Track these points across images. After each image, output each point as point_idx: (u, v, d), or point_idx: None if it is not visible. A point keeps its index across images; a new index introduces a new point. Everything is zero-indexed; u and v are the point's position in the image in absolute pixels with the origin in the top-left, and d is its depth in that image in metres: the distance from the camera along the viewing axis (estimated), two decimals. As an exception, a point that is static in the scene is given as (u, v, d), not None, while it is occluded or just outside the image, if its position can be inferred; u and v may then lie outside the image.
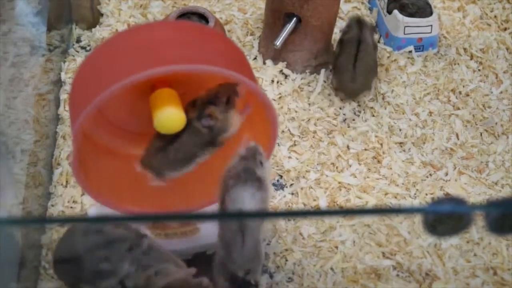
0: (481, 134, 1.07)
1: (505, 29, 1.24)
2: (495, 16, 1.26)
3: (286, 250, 0.91)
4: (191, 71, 0.73)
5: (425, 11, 1.18)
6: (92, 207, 0.92)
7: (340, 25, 1.19)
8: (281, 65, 1.13)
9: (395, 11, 1.17)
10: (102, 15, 1.20)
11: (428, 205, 0.59)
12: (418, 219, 0.93)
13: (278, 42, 1.08)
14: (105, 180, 0.83)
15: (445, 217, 0.59)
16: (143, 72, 0.70)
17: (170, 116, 0.77)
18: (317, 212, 0.86)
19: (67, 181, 0.97)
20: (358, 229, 0.93)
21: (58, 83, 1.09)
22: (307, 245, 0.92)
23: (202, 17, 1.09)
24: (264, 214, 0.80)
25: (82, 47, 1.16)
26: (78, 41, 1.17)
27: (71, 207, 0.94)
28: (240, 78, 0.75)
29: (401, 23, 1.16)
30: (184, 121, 0.78)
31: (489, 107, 1.11)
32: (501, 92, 1.14)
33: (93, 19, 1.19)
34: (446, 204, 0.58)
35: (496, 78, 1.16)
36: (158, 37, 0.76)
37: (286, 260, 0.90)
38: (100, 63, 0.76)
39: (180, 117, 0.77)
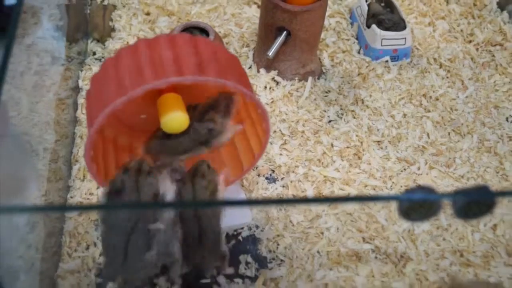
0: (449, 134, 1.08)
1: (470, 41, 1.25)
2: (461, 30, 1.27)
3: (278, 235, 0.91)
4: (195, 81, 0.73)
5: (399, 25, 1.18)
6: (106, 198, 0.93)
7: (324, 36, 1.20)
8: (273, 73, 1.14)
9: (374, 26, 1.17)
10: (114, 30, 1.20)
11: (402, 194, 0.60)
12: (394, 208, 0.93)
13: (271, 53, 1.08)
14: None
15: (417, 205, 0.59)
16: (153, 82, 0.71)
17: (175, 118, 0.77)
18: (305, 200, 0.86)
19: (84, 176, 0.97)
20: (341, 217, 0.94)
21: (76, 89, 1.09)
22: (296, 231, 0.92)
23: (203, 31, 1.09)
24: (257, 202, 0.81)
25: (97, 59, 1.16)
26: (94, 53, 1.17)
27: (88, 199, 0.94)
28: (238, 88, 0.75)
29: (378, 36, 1.16)
30: (187, 123, 0.78)
31: (456, 110, 1.12)
32: (466, 97, 1.14)
33: (106, 33, 1.19)
34: (418, 193, 0.58)
35: (462, 84, 1.17)
36: (164, 49, 0.76)
37: (278, 245, 0.91)
38: (113, 71, 0.76)
39: (183, 119, 0.77)
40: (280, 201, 0.83)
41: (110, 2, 1.25)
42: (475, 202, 0.59)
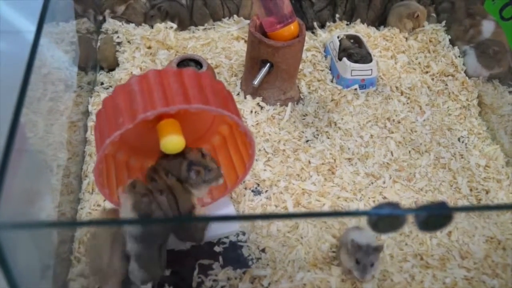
0: (409, 152, 1.07)
1: (427, 72, 1.25)
2: (419, 63, 1.26)
3: (262, 241, 0.89)
4: (190, 109, 0.72)
5: (366, 58, 1.18)
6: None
7: (302, 67, 1.19)
8: (258, 99, 1.12)
9: (344, 59, 1.17)
10: (119, 62, 1.18)
11: (372, 209, 0.58)
12: (363, 218, 0.92)
13: (256, 82, 1.07)
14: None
15: (385, 218, 0.58)
16: (153, 110, 0.70)
17: (172, 141, 0.76)
18: (287, 215, 0.84)
19: (92, 189, 0.95)
20: (317, 224, 0.92)
21: (86, 113, 1.07)
22: (278, 237, 0.90)
23: (197, 62, 1.08)
24: (252, 217, 0.79)
25: (105, 88, 1.14)
26: (102, 83, 1.15)
27: (96, 210, 0.92)
28: (227, 114, 0.74)
29: (348, 68, 1.16)
30: (183, 145, 0.77)
31: (415, 131, 1.11)
32: (424, 120, 1.14)
33: (113, 64, 1.18)
34: (386, 208, 0.57)
35: (420, 109, 1.16)
36: (164, 81, 0.75)
37: (262, 250, 0.89)
38: (118, 100, 0.74)
39: (180, 142, 0.76)
40: (265, 216, 0.81)
41: (116, 38, 1.23)
42: (435, 216, 0.58)
